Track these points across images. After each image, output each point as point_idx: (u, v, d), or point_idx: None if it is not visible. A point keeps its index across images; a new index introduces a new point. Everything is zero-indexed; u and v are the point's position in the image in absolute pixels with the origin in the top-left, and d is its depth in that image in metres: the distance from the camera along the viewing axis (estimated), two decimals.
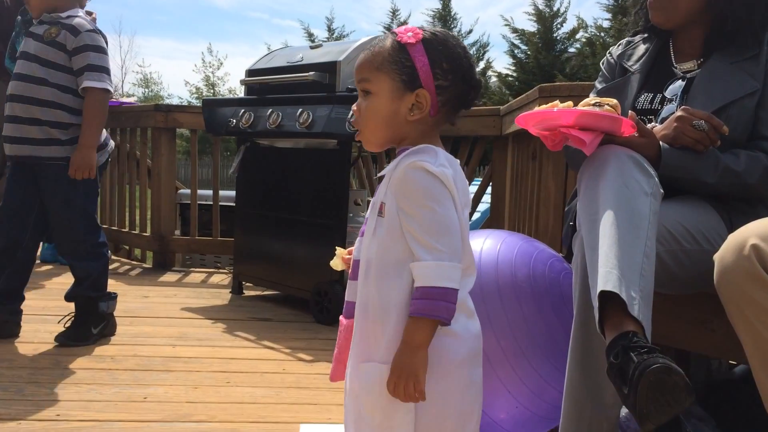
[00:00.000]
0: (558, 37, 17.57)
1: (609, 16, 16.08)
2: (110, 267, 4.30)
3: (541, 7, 17.40)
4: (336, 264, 1.35)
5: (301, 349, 2.63)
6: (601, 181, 1.40)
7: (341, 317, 1.22)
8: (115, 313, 3.03)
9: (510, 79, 17.72)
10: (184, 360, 2.42)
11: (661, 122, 1.67)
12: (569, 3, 23.59)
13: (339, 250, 1.35)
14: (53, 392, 2.04)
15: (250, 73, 3.58)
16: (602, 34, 16.40)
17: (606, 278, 1.24)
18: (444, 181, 1.08)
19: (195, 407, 1.98)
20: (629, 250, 1.28)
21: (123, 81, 32.45)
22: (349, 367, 1.16)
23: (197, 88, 28.39)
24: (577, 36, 17.36)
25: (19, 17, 3.61)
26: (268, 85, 3.47)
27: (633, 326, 1.20)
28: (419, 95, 1.15)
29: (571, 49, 17.62)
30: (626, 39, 1.96)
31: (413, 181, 1.09)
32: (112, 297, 2.72)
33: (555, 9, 17.47)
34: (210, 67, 29.59)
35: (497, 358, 1.66)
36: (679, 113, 1.57)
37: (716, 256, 1.35)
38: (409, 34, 1.16)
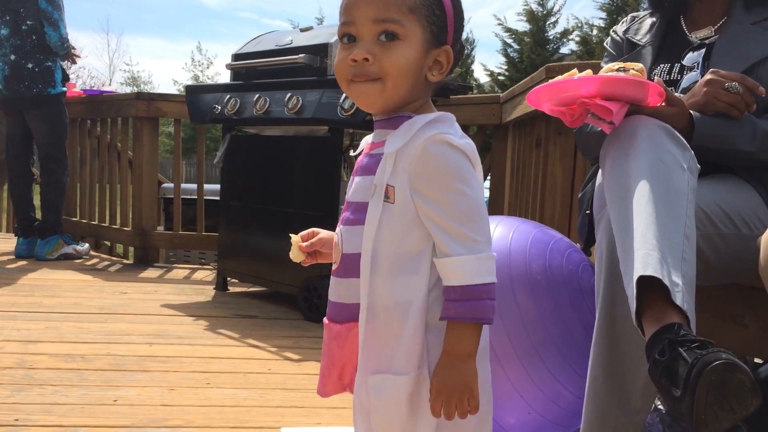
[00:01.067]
0: (551, 37, 17.51)
1: (604, 15, 16.01)
2: (88, 263, 4.17)
3: (533, 6, 17.33)
4: (296, 255, 1.18)
5: (288, 348, 2.44)
6: (631, 155, 1.22)
7: (327, 321, 1.04)
8: (90, 311, 2.86)
9: (502, 78, 17.63)
10: (161, 359, 2.23)
11: (683, 93, 1.51)
12: (563, 2, 23.53)
13: (294, 238, 1.17)
14: (14, 394, 1.85)
15: (237, 57, 3.39)
16: (596, 32, 16.33)
17: (645, 261, 1.07)
18: (470, 156, 0.94)
19: (170, 411, 1.79)
20: (669, 230, 1.11)
21: (111, 80, 32.17)
22: (358, 381, 0.99)
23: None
24: (571, 36, 17.31)
25: None
26: (255, 70, 3.28)
27: (678, 317, 1.03)
28: (446, 52, 1.00)
29: (563, 49, 17.56)
30: (630, 15, 1.83)
31: (438, 159, 0.92)
32: None
33: (548, 8, 17.41)
34: (199, 66, 29.36)
35: (508, 357, 1.49)
36: (708, 76, 1.41)
37: (763, 239, 1.19)
38: None
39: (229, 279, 3.48)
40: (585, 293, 1.51)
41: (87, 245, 4.43)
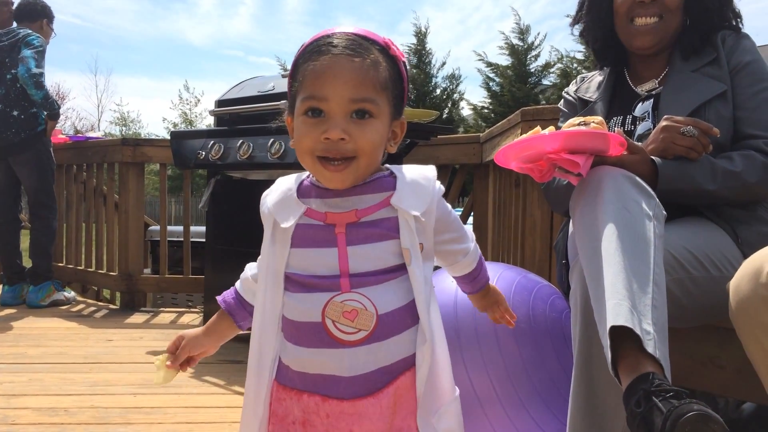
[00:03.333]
0: (532, 70, 17.77)
1: (582, 48, 16.29)
2: (74, 309, 4.15)
3: (514, 41, 17.61)
4: (163, 378, 1.16)
5: None
6: (598, 205, 1.26)
7: (340, 401, 0.96)
8: (75, 360, 2.84)
9: (486, 111, 17.83)
10: (145, 411, 2.22)
11: (640, 140, 1.57)
12: (544, 36, 23.91)
13: (159, 360, 1.16)
14: None
15: (220, 103, 3.43)
16: (576, 66, 16.60)
17: (616, 311, 1.09)
18: None
19: None
20: (638, 279, 1.14)
21: (99, 120, 32.24)
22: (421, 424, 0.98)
23: (175, 125, 28.21)
24: (552, 69, 17.56)
25: None
26: (238, 116, 3.32)
27: (652, 366, 1.05)
28: (402, 124, 1.05)
29: (545, 81, 17.80)
30: (579, 76, 1.94)
31: (441, 194, 1.05)
32: None
33: (529, 42, 17.70)
34: (187, 104, 29.51)
35: (492, 405, 1.50)
36: (664, 123, 1.47)
37: (731, 284, 1.22)
38: (395, 46, 1.02)
39: None
40: (568, 340, 1.53)
41: (73, 293, 4.42)
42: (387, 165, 1.05)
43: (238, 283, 1.18)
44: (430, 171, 1.04)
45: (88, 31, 67.10)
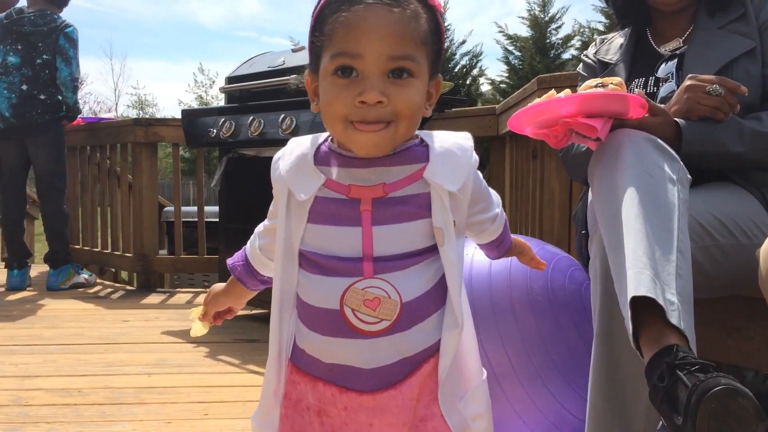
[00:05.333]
0: (553, 43, 17.47)
1: (603, 18, 15.99)
2: (91, 291, 4.15)
3: (536, 12, 17.31)
4: (197, 329, 1.16)
5: None
6: (618, 170, 1.19)
7: (360, 395, 0.88)
8: (90, 341, 2.83)
9: (503, 86, 17.60)
10: (159, 390, 2.20)
11: (663, 102, 1.48)
12: (566, 9, 23.49)
13: (194, 312, 1.15)
14: None
15: (230, 80, 3.38)
16: (597, 36, 16.31)
17: (637, 281, 1.03)
18: None
19: None
20: (661, 246, 1.07)
21: (117, 104, 32.40)
22: (446, 409, 0.90)
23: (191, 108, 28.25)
24: (573, 41, 17.27)
25: None
26: (249, 92, 3.27)
27: (675, 338, 0.99)
28: (437, 83, 0.93)
29: (566, 55, 17.52)
30: (599, 38, 1.84)
31: (475, 161, 0.94)
32: None
33: (551, 14, 17.40)
34: (202, 86, 29.52)
35: (509, 380, 1.45)
36: (688, 82, 1.39)
37: (762, 251, 1.15)
38: None
39: None
40: (588, 314, 1.47)
41: (93, 274, 4.42)
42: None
43: (248, 247, 1.09)
44: (466, 139, 0.93)
45: (102, 15, 67.36)
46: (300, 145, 0.93)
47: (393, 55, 0.82)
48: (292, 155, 0.92)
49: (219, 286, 1.14)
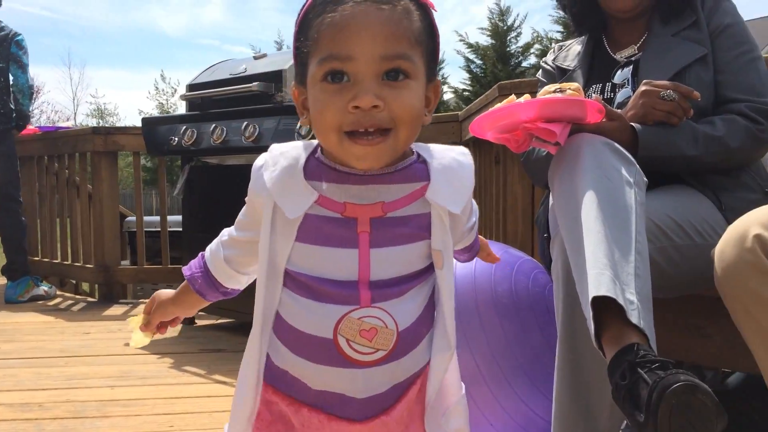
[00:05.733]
0: (513, 51, 17.72)
1: (560, 28, 16.27)
2: (51, 303, 4.06)
3: (496, 21, 17.54)
4: (140, 341, 1.08)
5: None
6: (577, 174, 1.22)
7: (320, 417, 0.84)
8: (51, 354, 2.78)
9: (466, 93, 17.77)
10: (122, 403, 2.16)
11: (618, 108, 1.52)
12: (524, 17, 23.90)
13: (134, 321, 1.07)
14: None
15: (191, 87, 3.35)
16: (555, 44, 16.58)
17: (598, 281, 1.05)
18: None
19: None
20: (619, 248, 1.10)
21: (75, 113, 31.80)
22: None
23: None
24: (532, 50, 17.53)
25: None
26: (210, 100, 3.24)
27: (636, 337, 1.01)
28: (436, 87, 0.87)
29: (526, 63, 17.77)
30: (557, 45, 1.89)
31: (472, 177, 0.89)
32: None
33: (509, 23, 17.64)
34: (164, 94, 29.16)
35: (475, 383, 1.46)
36: (643, 88, 1.43)
37: (716, 251, 1.18)
38: None
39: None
40: (552, 315, 1.49)
41: (53, 286, 4.34)
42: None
43: (209, 257, 1.00)
44: (464, 156, 0.88)
45: (60, 23, 66.15)
46: (285, 155, 0.85)
47: (386, 55, 0.76)
48: (277, 165, 0.84)
49: (165, 293, 1.07)
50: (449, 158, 0.86)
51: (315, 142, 0.86)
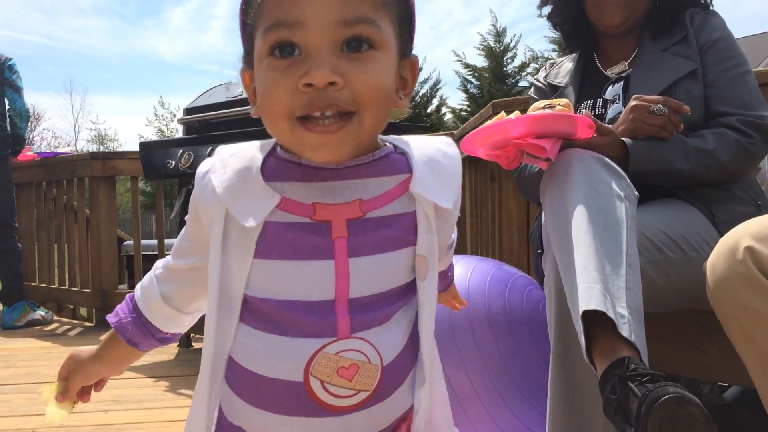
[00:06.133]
0: (509, 71, 17.84)
1: (555, 47, 16.39)
2: (48, 329, 4.04)
3: (491, 43, 17.69)
4: (57, 416, 0.89)
5: None
6: (567, 188, 1.22)
7: None
8: (46, 380, 2.74)
9: (464, 113, 17.86)
10: (116, 427, 2.14)
11: (611, 123, 1.53)
12: (519, 37, 24.09)
13: (47, 391, 0.89)
14: None
15: (188, 111, 3.38)
16: (547, 62, 16.71)
17: (588, 295, 1.05)
18: None
19: None
20: (610, 261, 1.09)
21: (76, 139, 31.93)
22: None
23: None
24: (528, 70, 17.66)
25: None
26: (207, 123, 3.27)
27: (627, 350, 1.01)
28: (413, 64, 0.73)
29: (523, 82, 17.89)
30: (548, 62, 1.90)
31: (459, 166, 0.76)
32: None
33: (505, 44, 17.78)
34: (163, 119, 29.29)
35: (469, 399, 1.45)
36: (633, 103, 1.44)
37: (708, 264, 1.18)
38: None
39: (192, 335, 3.39)
40: (546, 332, 1.49)
41: (49, 311, 4.32)
42: (382, 137, 0.74)
43: (140, 298, 0.85)
44: (448, 145, 0.75)
45: (60, 51, 66.58)
46: (237, 156, 0.71)
47: (344, 19, 0.63)
48: (227, 168, 0.70)
49: (84, 350, 0.93)
50: (432, 148, 0.74)
51: (272, 141, 0.73)
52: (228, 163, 0.71)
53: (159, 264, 0.83)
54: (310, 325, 0.67)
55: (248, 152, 0.72)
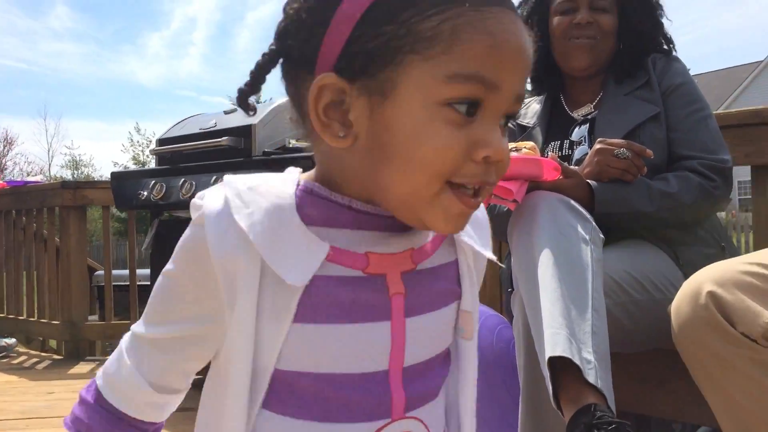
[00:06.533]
0: None
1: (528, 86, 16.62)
2: (15, 362, 3.95)
3: None
4: None
5: None
6: (534, 231, 1.23)
7: None
8: (11, 416, 2.69)
9: None
10: None
11: (577, 165, 1.56)
12: None
13: None
14: None
15: (161, 142, 3.36)
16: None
17: (554, 341, 1.06)
18: None
19: None
20: (576, 306, 1.10)
21: (50, 164, 31.62)
22: None
23: (126, 168, 27.83)
24: None
25: None
26: (180, 154, 3.24)
27: (593, 397, 1.01)
28: None
29: None
30: None
31: None
32: None
33: None
34: (139, 146, 29.13)
35: None
36: (597, 146, 1.47)
37: (672, 307, 1.19)
38: None
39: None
40: (516, 372, 1.49)
41: (14, 339, 4.23)
42: None
43: (103, 387, 0.71)
44: None
45: (35, 75, 66.31)
46: (258, 191, 0.57)
47: (520, 95, 0.57)
48: (251, 207, 0.56)
49: None
50: None
51: (293, 173, 0.61)
52: (250, 199, 0.56)
53: (130, 346, 0.66)
54: (360, 406, 0.56)
55: (272, 187, 0.58)
